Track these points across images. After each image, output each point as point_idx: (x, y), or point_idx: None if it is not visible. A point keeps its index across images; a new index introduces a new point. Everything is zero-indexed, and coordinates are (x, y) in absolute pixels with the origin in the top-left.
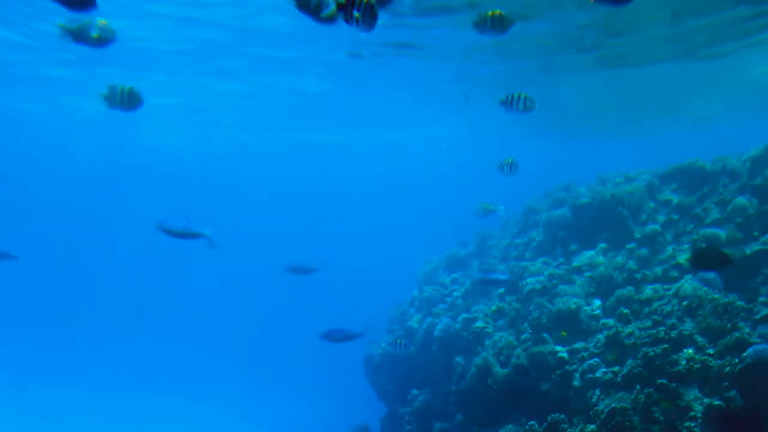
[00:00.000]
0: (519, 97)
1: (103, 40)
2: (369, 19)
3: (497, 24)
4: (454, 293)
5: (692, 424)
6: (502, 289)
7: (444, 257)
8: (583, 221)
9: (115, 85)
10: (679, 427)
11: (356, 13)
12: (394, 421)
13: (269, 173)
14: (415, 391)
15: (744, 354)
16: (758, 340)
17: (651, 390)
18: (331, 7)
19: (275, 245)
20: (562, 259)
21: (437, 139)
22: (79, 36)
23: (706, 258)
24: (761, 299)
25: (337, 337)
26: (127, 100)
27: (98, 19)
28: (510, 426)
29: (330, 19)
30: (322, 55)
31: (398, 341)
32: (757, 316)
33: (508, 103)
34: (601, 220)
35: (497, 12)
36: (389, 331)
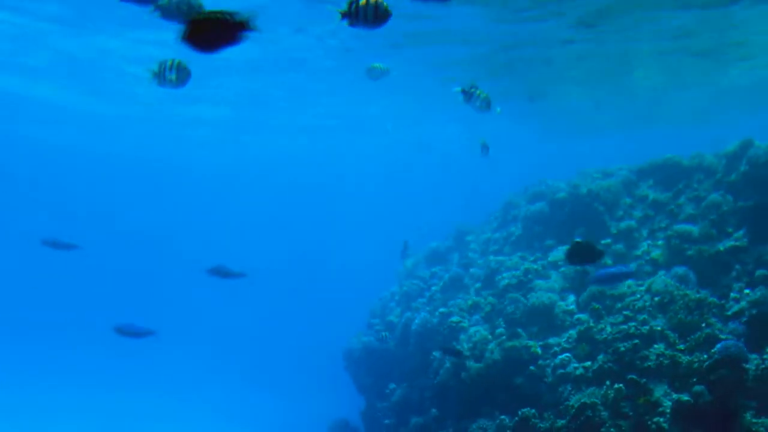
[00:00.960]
0: (479, 94)
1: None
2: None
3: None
4: (433, 287)
5: (661, 420)
6: (478, 284)
7: (425, 252)
8: (560, 216)
9: (164, 60)
10: (648, 422)
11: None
12: (372, 416)
13: (258, 170)
14: (392, 386)
15: (713, 350)
16: (729, 336)
17: (621, 385)
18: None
19: (259, 242)
20: (539, 254)
21: (423, 135)
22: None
23: (579, 252)
24: (733, 295)
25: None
26: (175, 76)
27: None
28: (482, 420)
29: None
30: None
31: (382, 334)
32: (729, 312)
33: (467, 96)
34: (577, 216)
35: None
36: (370, 325)
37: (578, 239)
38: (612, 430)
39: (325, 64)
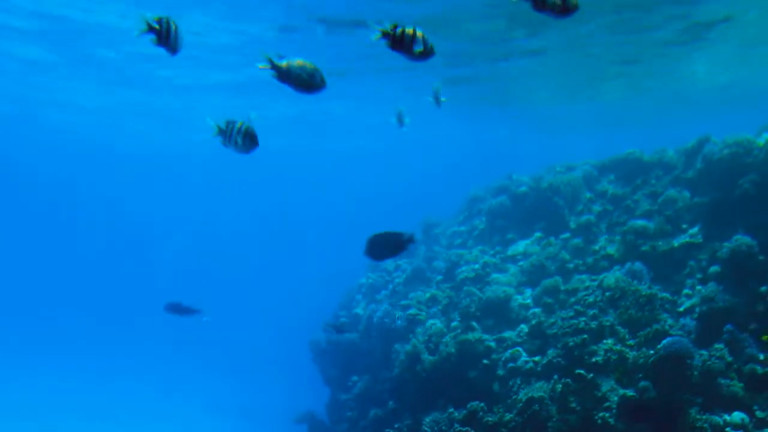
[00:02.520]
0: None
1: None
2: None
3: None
4: (396, 280)
5: (606, 414)
6: (440, 277)
7: None
8: (521, 210)
9: (233, 121)
10: (595, 416)
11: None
12: (336, 407)
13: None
14: (355, 378)
15: (658, 346)
16: (680, 332)
17: (568, 380)
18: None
19: (231, 238)
20: (499, 248)
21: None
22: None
23: (379, 245)
24: (686, 291)
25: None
26: (242, 141)
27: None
28: (436, 413)
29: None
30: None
31: (339, 320)
32: (681, 309)
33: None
34: (538, 210)
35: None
36: (337, 317)
37: (379, 232)
38: (559, 424)
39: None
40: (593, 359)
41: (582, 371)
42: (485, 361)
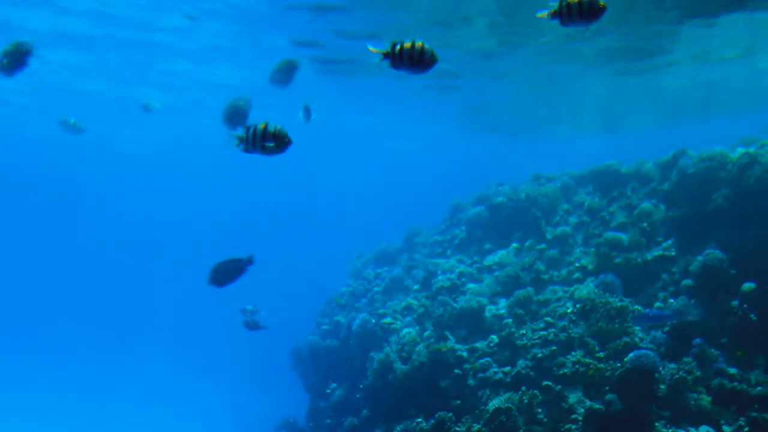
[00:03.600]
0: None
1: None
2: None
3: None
4: (375, 288)
5: (573, 427)
6: (417, 286)
7: (374, 252)
8: (499, 220)
9: (254, 125)
10: (561, 428)
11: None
12: (316, 415)
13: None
14: (333, 385)
15: (625, 359)
16: (650, 345)
17: (536, 391)
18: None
19: (207, 240)
20: (476, 258)
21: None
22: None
23: (221, 272)
24: (657, 304)
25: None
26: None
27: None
28: (407, 422)
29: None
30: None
31: (322, 329)
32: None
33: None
34: (516, 220)
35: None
36: (318, 324)
37: (221, 260)
38: None
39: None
40: (561, 371)
41: (550, 383)
42: (457, 371)
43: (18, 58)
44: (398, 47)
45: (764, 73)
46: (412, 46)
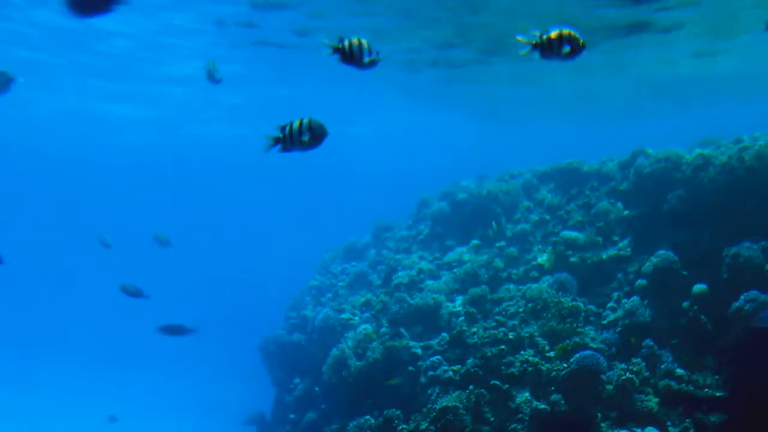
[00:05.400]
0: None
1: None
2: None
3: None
4: (340, 283)
5: (518, 426)
6: (379, 281)
7: (343, 246)
8: (460, 217)
9: (290, 122)
10: (508, 428)
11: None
12: (281, 409)
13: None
14: (297, 380)
15: (571, 360)
16: (601, 346)
17: (483, 390)
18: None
19: (198, 236)
20: (438, 254)
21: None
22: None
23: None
24: (610, 305)
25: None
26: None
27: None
28: (360, 419)
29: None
30: None
31: (290, 323)
32: (605, 321)
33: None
34: (477, 217)
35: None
36: (287, 318)
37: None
38: None
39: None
40: (510, 370)
41: (497, 382)
42: (411, 368)
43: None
44: (347, 42)
45: None
46: (360, 43)
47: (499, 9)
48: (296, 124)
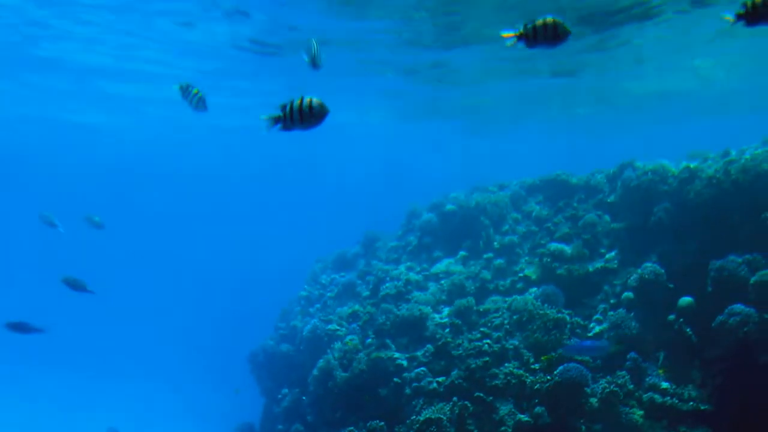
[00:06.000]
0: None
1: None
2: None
3: None
4: (328, 294)
5: None
6: (367, 292)
7: (333, 257)
8: (448, 228)
9: (290, 101)
10: None
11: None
12: (269, 420)
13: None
14: (285, 391)
15: (555, 372)
16: (587, 359)
17: (467, 402)
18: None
19: (188, 243)
20: (425, 265)
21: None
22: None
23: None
24: (596, 317)
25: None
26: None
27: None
28: (343, 430)
29: None
30: None
31: (279, 333)
32: (590, 333)
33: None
34: (465, 228)
35: None
36: (276, 329)
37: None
38: None
39: None
40: (494, 382)
41: (481, 394)
42: (396, 380)
43: None
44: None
45: None
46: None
47: None
48: (296, 103)
